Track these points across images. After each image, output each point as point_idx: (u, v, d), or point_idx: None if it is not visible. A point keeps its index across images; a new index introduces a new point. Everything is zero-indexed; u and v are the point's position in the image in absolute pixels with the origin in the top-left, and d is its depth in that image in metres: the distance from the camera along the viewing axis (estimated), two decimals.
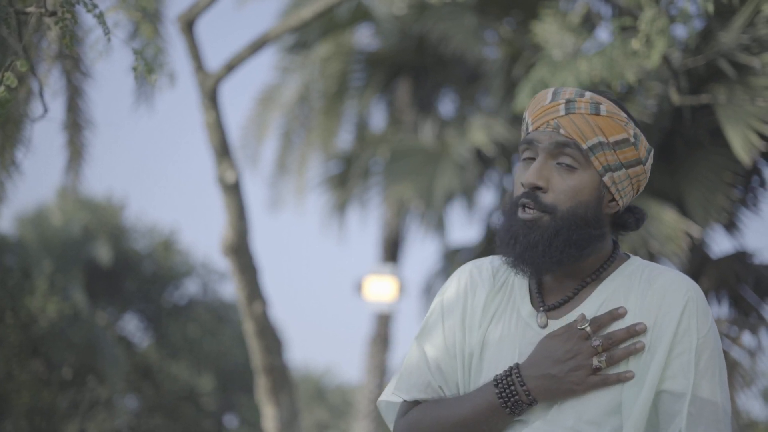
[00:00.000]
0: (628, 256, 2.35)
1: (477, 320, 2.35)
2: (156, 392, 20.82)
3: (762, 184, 8.34)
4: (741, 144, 6.90)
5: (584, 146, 2.23)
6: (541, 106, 2.29)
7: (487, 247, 10.23)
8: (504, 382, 2.21)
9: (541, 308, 2.30)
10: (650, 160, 2.34)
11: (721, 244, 10.13)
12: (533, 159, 2.27)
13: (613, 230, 2.36)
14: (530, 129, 2.30)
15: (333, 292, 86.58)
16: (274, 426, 9.19)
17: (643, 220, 2.38)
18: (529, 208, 2.23)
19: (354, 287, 14.55)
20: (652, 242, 7.80)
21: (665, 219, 7.84)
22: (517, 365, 2.21)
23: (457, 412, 2.27)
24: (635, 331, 2.18)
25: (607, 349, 2.17)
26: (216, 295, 22.41)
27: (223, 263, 22.45)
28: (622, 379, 2.15)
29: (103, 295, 20.44)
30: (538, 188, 2.23)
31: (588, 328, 2.18)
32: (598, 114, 2.26)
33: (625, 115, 2.30)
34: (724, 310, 8.29)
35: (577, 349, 2.17)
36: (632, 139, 2.28)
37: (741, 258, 8.30)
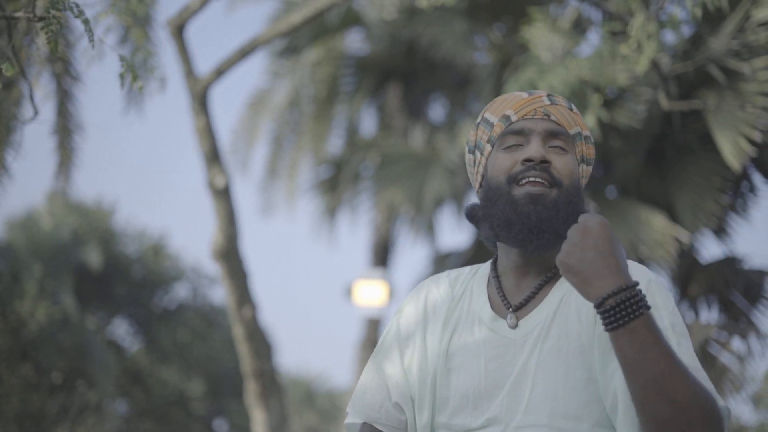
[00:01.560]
0: None
1: (438, 335, 2.35)
2: (146, 397, 20.78)
3: (751, 189, 8.37)
4: (731, 149, 6.92)
5: (571, 132, 2.34)
6: (521, 98, 2.36)
7: (476, 251, 10.23)
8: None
9: (510, 309, 2.30)
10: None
11: (710, 250, 10.15)
12: (519, 146, 2.32)
13: None
14: (514, 119, 2.33)
15: (323, 296, 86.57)
16: (263, 430, 9.18)
17: None
18: (539, 181, 2.26)
19: (344, 292, 14.54)
20: (642, 247, 7.81)
21: (654, 224, 7.85)
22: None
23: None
24: None
25: None
26: (206, 299, 22.40)
27: (212, 268, 22.44)
28: None
29: (92, 299, 20.40)
30: (546, 162, 2.28)
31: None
32: (572, 110, 2.37)
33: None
34: (713, 315, 8.31)
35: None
36: (592, 139, 2.40)
37: (730, 263, 8.31)
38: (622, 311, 1.99)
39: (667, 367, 1.98)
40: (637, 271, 2.23)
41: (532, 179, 2.26)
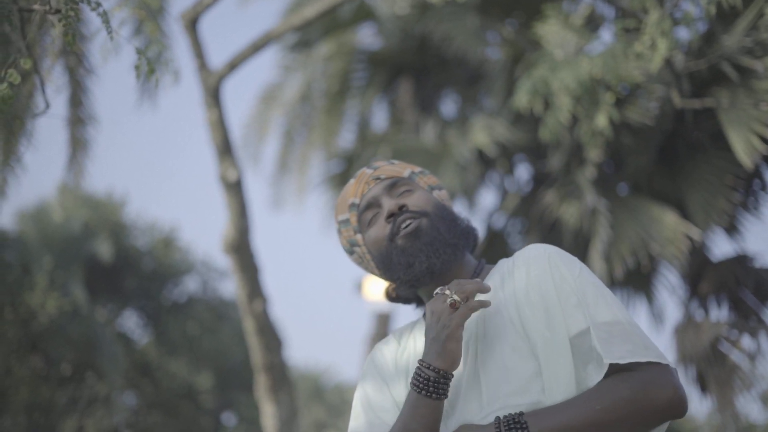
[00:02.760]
0: (495, 264, 2.60)
1: (402, 384, 2.57)
2: (155, 389, 20.82)
3: (763, 187, 8.34)
4: (743, 147, 6.90)
5: (405, 175, 2.69)
6: (351, 186, 2.72)
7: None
8: (415, 376, 2.35)
9: None
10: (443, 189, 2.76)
11: (721, 247, 10.14)
12: (378, 214, 2.64)
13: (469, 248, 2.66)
14: (357, 202, 2.66)
15: (333, 291, 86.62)
16: (272, 424, 9.19)
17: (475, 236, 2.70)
18: (408, 223, 2.55)
19: (354, 286, 14.55)
20: (653, 245, 7.80)
21: (666, 221, 7.84)
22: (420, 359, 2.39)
23: (397, 425, 2.39)
24: (479, 279, 2.48)
25: (462, 295, 2.36)
26: (215, 292, 22.42)
27: (222, 261, 22.49)
28: (484, 304, 2.35)
29: (102, 291, 20.43)
30: (402, 206, 2.58)
31: (446, 291, 2.37)
32: (392, 164, 2.74)
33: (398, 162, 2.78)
34: (723, 313, 8.30)
35: (439, 311, 2.35)
36: (421, 172, 2.76)
37: (741, 261, 8.30)
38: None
39: (590, 418, 2.21)
40: (531, 251, 2.47)
41: (402, 226, 2.56)
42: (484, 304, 2.34)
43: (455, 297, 2.33)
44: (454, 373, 2.38)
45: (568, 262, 2.42)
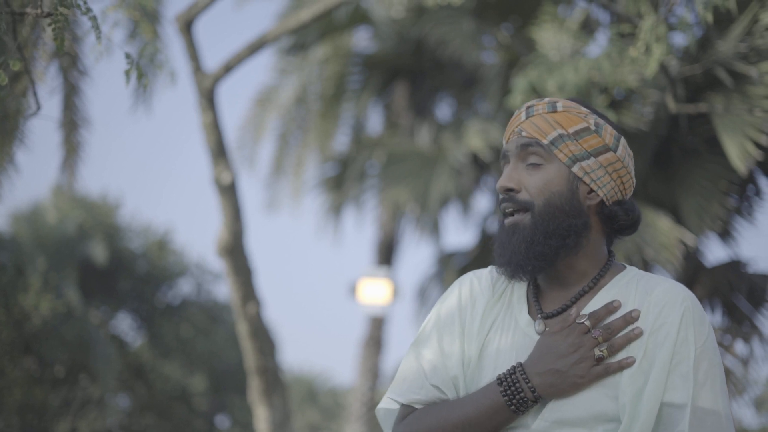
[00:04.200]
0: (625, 266, 2.37)
1: (475, 330, 2.37)
2: (148, 392, 20.79)
3: (757, 193, 8.35)
4: (737, 153, 6.90)
5: (545, 141, 2.31)
6: (510, 121, 2.41)
7: (481, 251, 10.23)
8: (508, 380, 2.23)
9: (539, 316, 2.32)
10: (623, 149, 2.39)
11: (715, 253, 10.16)
12: None
13: (607, 232, 2.39)
14: (504, 145, 2.41)
15: (327, 294, 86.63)
16: (266, 427, 9.18)
17: (635, 214, 2.40)
18: (510, 210, 2.33)
19: (348, 290, 14.54)
20: (647, 249, 7.80)
21: (660, 226, 7.84)
22: (520, 363, 2.24)
23: (459, 412, 2.28)
24: (631, 318, 2.23)
25: (607, 339, 2.20)
26: (209, 295, 22.40)
27: (217, 264, 22.46)
28: (623, 365, 2.18)
29: (96, 293, 20.41)
30: (510, 189, 2.32)
31: (587, 322, 2.22)
32: (555, 111, 2.35)
33: (584, 108, 2.37)
34: (717, 318, 8.30)
35: (579, 342, 2.21)
36: (593, 128, 2.34)
37: (735, 267, 8.30)
38: None
39: None
40: (670, 296, 2.25)
41: (506, 210, 2.34)
42: (628, 364, 2.19)
43: (604, 351, 2.19)
44: None
45: (698, 325, 2.22)
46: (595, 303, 2.28)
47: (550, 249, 2.27)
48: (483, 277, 2.46)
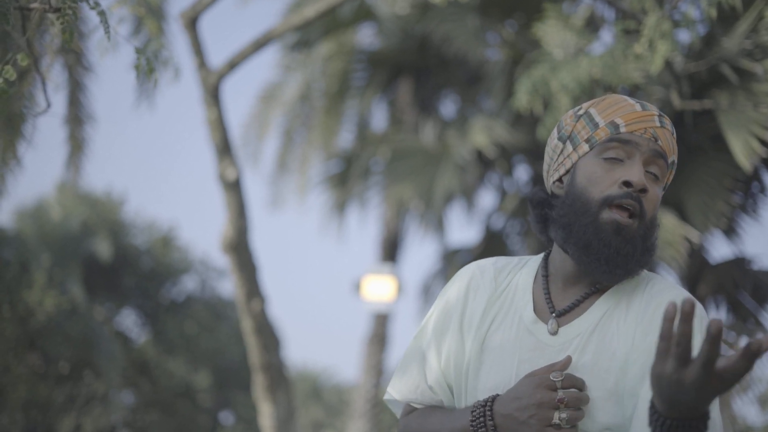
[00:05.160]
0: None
1: (476, 324, 2.33)
2: (152, 388, 20.82)
3: (762, 190, 8.35)
4: (742, 150, 6.90)
5: (669, 160, 2.28)
6: (634, 110, 2.27)
7: (485, 248, 10.23)
8: (478, 411, 2.22)
9: (553, 315, 2.27)
10: None
11: (720, 250, 10.15)
12: (619, 160, 2.24)
13: None
14: (623, 130, 2.24)
15: (331, 291, 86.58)
16: (270, 424, 9.19)
17: None
18: (629, 209, 2.20)
19: (352, 286, 14.53)
20: None
21: (664, 224, 7.84)
22: (494, 397, 2.22)
23: (438, 429, 2.30)
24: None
25: (573, 406, 2.14)
26: (214, 292, 22.43)
27: (221, 260, 22.48)
28: None
29: (101, 290, 20.44)
30: (644, 190, 2.21)
31: (559, 382, 2.16)
32: (673, 135, 2.31)
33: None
34: (722, 315, 8.30)
35: (541, 398, 2.15)
36: (673, 163, 2.35)
37: (740, 264, 8.30)
38: None
39: None
40: (671, 296, 2.21)
41: (624, 205, 2.19)
42: None
43: (565, 417, 2.13)
44: (535, 365, 2.23)
45: (697, 324, 2.13)
46: (601, 304, 2.25)
47: (644, 263, 2.23)
48: (486, 269, 2.40)
